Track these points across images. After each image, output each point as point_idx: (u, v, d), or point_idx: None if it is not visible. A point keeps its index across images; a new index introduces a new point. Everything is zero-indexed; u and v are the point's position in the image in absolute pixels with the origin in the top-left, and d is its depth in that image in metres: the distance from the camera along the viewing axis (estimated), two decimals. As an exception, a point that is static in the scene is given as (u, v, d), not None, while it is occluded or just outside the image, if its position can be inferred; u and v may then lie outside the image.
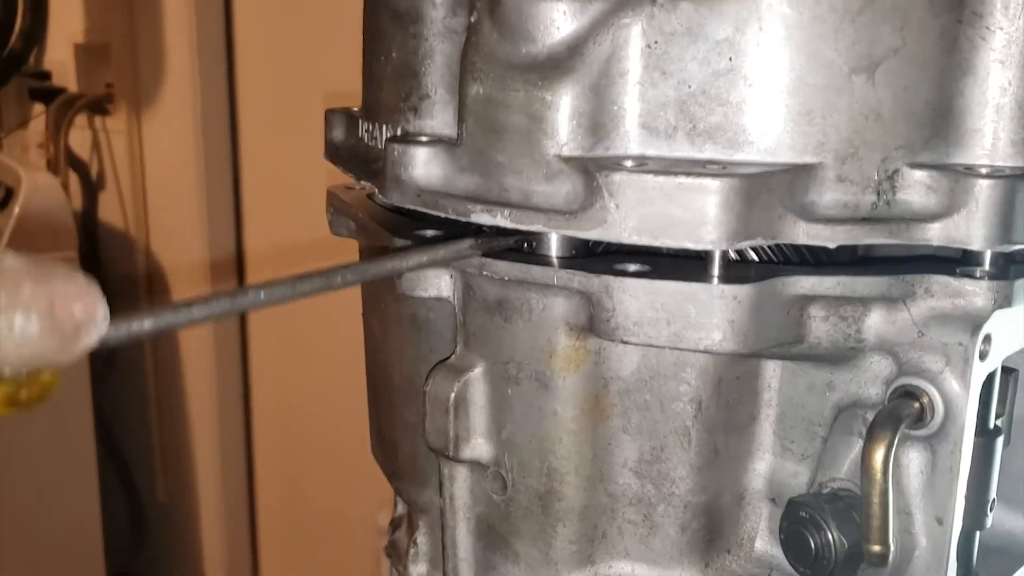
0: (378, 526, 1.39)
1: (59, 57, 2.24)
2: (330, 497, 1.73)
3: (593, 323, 0.40)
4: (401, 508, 0.56)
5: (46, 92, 2.24)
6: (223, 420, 1.92)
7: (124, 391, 2.20)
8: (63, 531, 1.89)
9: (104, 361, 2.16)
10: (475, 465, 0.45)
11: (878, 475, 0.38)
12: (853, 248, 0.41)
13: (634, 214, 0.38)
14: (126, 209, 2.11)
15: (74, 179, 2.24)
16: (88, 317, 0.32)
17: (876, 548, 0.39)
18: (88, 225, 2.22)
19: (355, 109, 0.54)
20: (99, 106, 2.15)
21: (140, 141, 2.05)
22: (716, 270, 0.39)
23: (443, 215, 0.43)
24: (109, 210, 2.18)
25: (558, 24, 0.40)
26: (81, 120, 2.18)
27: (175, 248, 2.01)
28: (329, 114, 0.55)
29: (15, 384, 0.31)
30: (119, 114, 2.10)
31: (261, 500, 1.97)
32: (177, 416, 2.07)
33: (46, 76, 2.29)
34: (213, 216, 1.87)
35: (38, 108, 2.28)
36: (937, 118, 0.39)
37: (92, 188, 2.22)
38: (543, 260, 0.42)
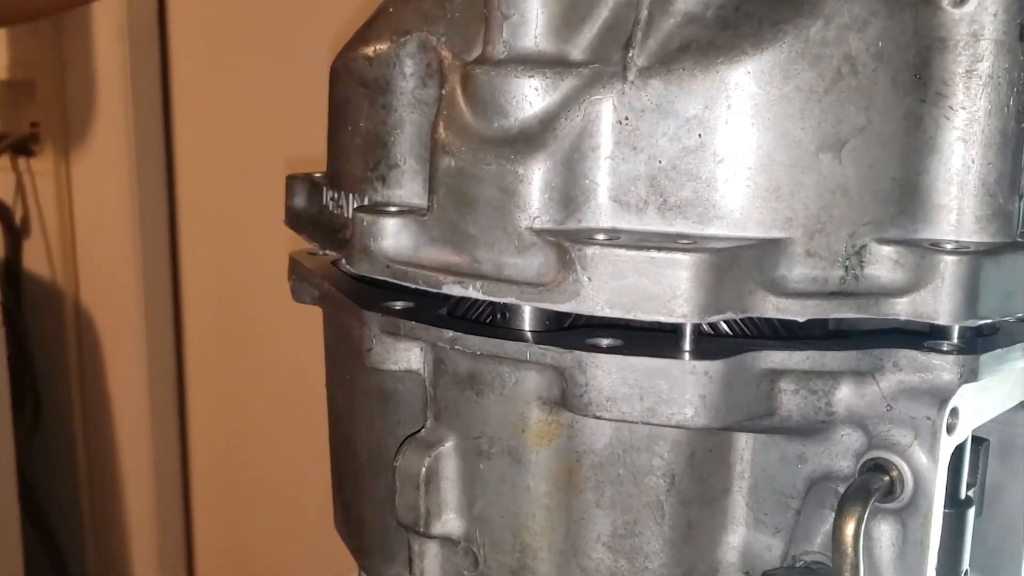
0: (328, 599, 1.40)
1: (-21, 94, 2.25)
2: (277, 568, 1.74)
3: (566, 398, 0.43)
4: (365, 584, 0.58)
5: (-35, 132, 2.25)
6: (160, 483, 1.92)
7: (50, 451, 2.19)
8: (-18, 607, 1.88)
9: (29, 420, 2.15)
10: (446, 541, 0.48)
11: (849, 549, 0.41)
12: (825, 321, 0.45)
13: (606, 287, 0.42)
14: (53, 257, 2.12)
15: (-4, 225, 2.24)
16: None
17: (849, 622, 0.42)
18: (11, 275, 2.21)
19: (317, 175, 0.57)
20: (23, 146, 2.16)
21: (69, 184, 2.06)
22: (688, 345, 0.42)
23: (413, 286, 0.46)
24: (34, 258, 2.19)
25: (530, 100, 0.44)
26: (3, 162, 2.19)
27: (107, 300, 2.02)
28: (290, 180, 0.58)
29: None
30: (45, 155, 2.11)
31: (201, 571, 1.96)
32: (109, 479, 2.06)
33: (-35, 115, 2.30)
34: (148, 265, 1.88)
35: (-44, 149, 2.29)
36: (903, 195, 0.43)
37: (16, 235, 2.22)
38: (516, 333, 0.45)
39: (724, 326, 0.46)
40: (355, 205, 0.51)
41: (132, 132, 1.86)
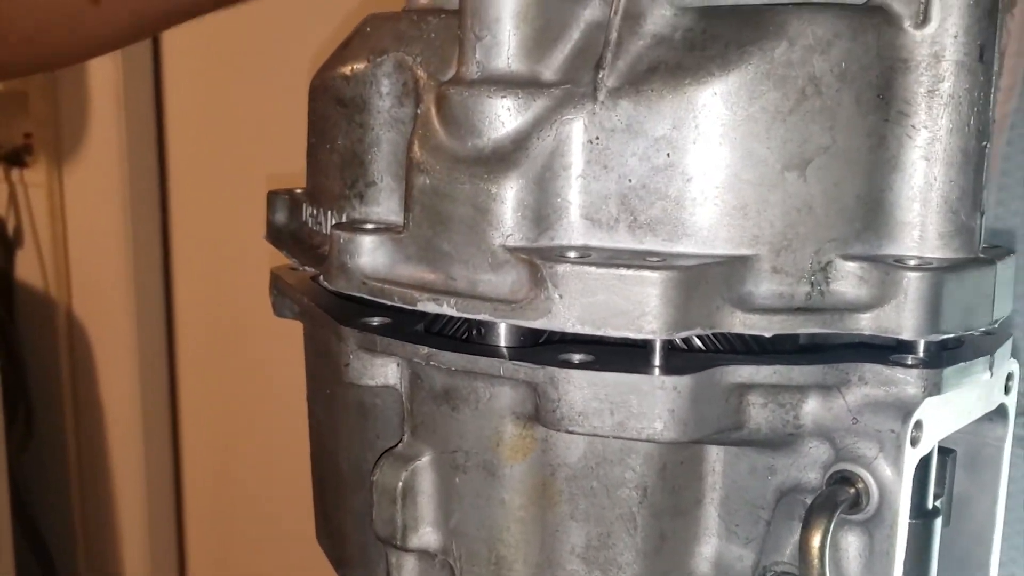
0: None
1: (-28, 107, 2.26)
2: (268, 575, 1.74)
3: (539, 413, 0.44)
4: (347, 595, 0.59)
5: (-42, 144, 2.26)
6: (152, 495, 1.92)
7: (43, 462, 2.20)
8: (-26, 618, 1.88)
9: (22, 429, 2.16)
10: (423, 554, 0.48)
11: (815, 560, 0.42)
12: (795, 335, 0.46)
13: (577, 304, 0.42)
14: (46, 268, 2.13)
15: (-12, 236, 2.25)
16: None
17: (817, 631, 0.42)
18: (3, 285, 2.22)
19: (298, 191, 0.58)
20: (16, 158, 2.17)
21: (61, 195, 2.07)
22: (657, 360, 0.43)
23: (389, 303, 0.47)
24: (27, 269, 2.19)
25: (503, 120, 0.45)
26: (-4, 173, 2.20)
27: (99, 310, 2.03)
28: (271, 196, 0.58)
29: None
30: (38, 166, 2.12)
31: (192, 582, 1.97)
32: (101, 490, 2.07)
33: (-42, 126, 2.30)
34: (140, 276, 1.90)
35: (-50, 160, 2.29)
36: (867, 212, 0.44)
37: (9, 245, 2.23)
38: (491, 348, 0.46)
39: (697, 340, 0.46)
40: (334, 222, 0.52)
41: (124, 144, 1.87)
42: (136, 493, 1.95)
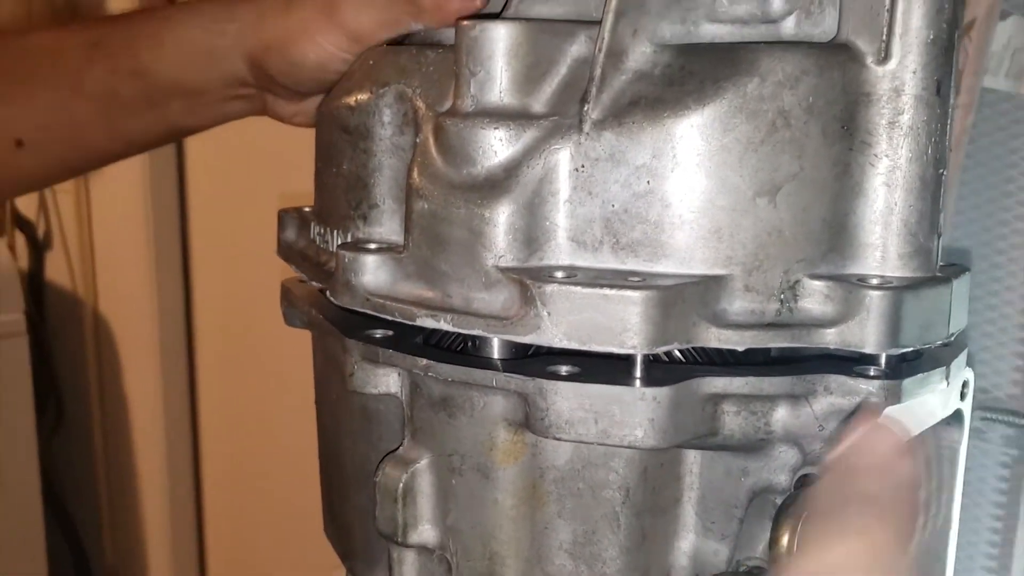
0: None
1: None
2: (282, 563, 1.75)
3: (529, 421, 0.44)
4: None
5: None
6: (173, 481, 1.93)
7: (71, 450, 2.20)
8: (8, 595, 1.88)
9: (52, 418, 2.16)
10: (422, 549, 0.49)
11: (784, 557, 0.42)
12: (767, 348, 0.46)
13: (564, 322, 0.43)
14: (73, 270, 2.13)
15: (20, 239, 2.25)
16: None
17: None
18: (34, 286, 2.22)
19: (307, 209, 0.58)
20: (46, 166, 2.16)
21: (88, 201, 2.07)
22: (639, 372, 0.43)
23: (390, 318, 0.47)
24: (56, 270, 2.20)
25: (495, 149, 0.45)
26: (28, 180, 2.19)
27: (124, 309, 2.03)
28: (282, 214, 0.59)
29: None
30: (67, 175, 2.12)
31: (212, 563, 1.97)
32: (125, 476, 2.07)
33: (-8, 136, 2.30)
34: (162, 276, 1.90)
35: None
36: (833, 234, 0.44)
37: (38, 248, 2.23)
38: (484, 360, 0.46)
39: (677, 352, 0.47)
40: (339, 240, 0.52)
41: (146, 154, 1.86)
42: (158, 477, 1.95)
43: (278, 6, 0.59)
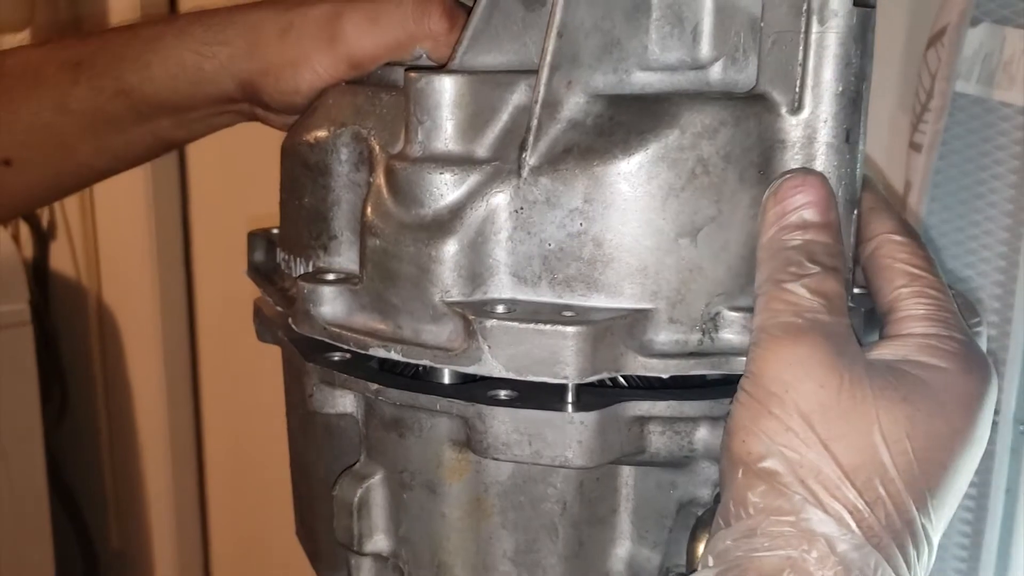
0: None
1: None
2: (285, 546, 1.79)
3: (471, 442, 0.48)
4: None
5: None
6: (176, 466, 1.97)
7: (77, 437, 2.25)
8: (16, 577, 1.93)
9: (57, 405, 2.21)
10: (377, 557, 0.53)
11: (698, 566, 0.46)
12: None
13: (503, 354, 0.46)
14: (77, 259, 2.17)
15: (24, 229, 2.29)
16: None
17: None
18: (39, 275, 2.27)
19: (275, 231, 0.62)
20: (50, 157, 2.20)
21: (91, 190, 2.10)
22: (570, 398, 0.47)
23: (345, 347, 0.51)
24: (60, 260, 2.24)
25: (442, 192, 0.49)
26: (32, 171, 2.23)
27: (127, 297, 2.07)
28: (251, 236, 0.63)
29: None
30: (70, 166, 2.15)
31: (215, 547, 2.02)
32: (130, 463, 2.11)
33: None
34: (164, 265, 1.93)
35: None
36: (750, 269, 0.48)
37: (43, 237, 2.27)
38: (433, 385, 0.50)
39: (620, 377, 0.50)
40: (302, 268, 0.56)
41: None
42: (162, 463, 2.00)
43: (273, 31, 0.59)
